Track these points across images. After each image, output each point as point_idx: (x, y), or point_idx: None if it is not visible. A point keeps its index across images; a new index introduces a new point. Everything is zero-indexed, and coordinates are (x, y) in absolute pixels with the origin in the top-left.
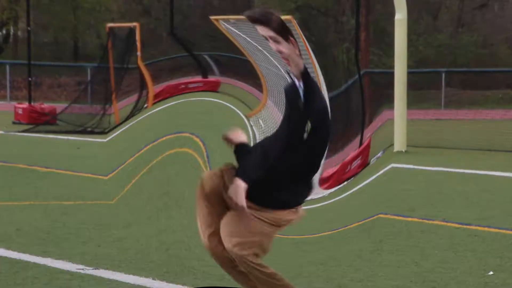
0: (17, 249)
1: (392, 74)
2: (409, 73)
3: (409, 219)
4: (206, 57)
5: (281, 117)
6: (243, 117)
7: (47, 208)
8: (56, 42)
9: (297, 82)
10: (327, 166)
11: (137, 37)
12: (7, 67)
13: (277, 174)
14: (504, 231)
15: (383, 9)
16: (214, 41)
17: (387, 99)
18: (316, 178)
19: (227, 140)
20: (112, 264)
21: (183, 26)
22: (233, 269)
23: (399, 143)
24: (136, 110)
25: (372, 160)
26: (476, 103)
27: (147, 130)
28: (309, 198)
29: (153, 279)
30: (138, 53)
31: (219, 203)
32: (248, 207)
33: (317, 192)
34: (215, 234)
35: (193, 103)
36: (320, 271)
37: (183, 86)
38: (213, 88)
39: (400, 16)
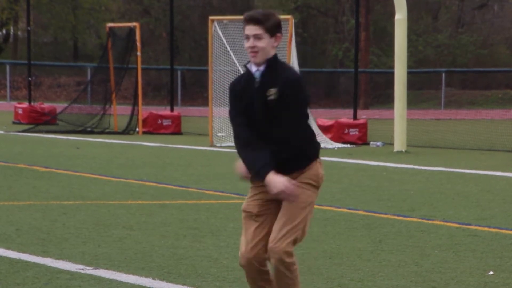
0: (16, 249)
1: (392, 74)
2: (409, 73)
3: (409, 219)
4: None
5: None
6: None
7: (46, 208)
8: (56, 42)
9: (253, 69)
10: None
11: (137, 37)
12: (7, 67)
13: (291, 145)
14: (504, 231)
15: (383, 9)
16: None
17: (387, 99)
18: (312, 124)
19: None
20: (112, 264)
21: (183, 26)
22: (261, 278)
23: (399, 143)
24: (129, 129)
25: (371, 144)
26: (476, 103)
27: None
28: (321, 146)
29: (153, 279)
30: (138, 53)
31: (271, 212)
32: (293, 178)
33: (325, 140)
34: (260, 243)
35: None
36: (320, 270)
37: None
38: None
39: (400, 16)
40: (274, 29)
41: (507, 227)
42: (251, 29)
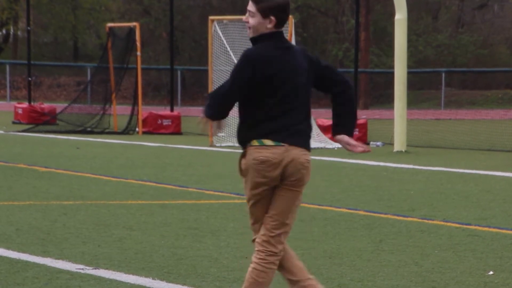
0: (17, 249)
1: (392, 74)
2: (409, 73)
3: (409, 219)
4: None
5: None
6: None
7: (47, 208)
8: (56, 42)
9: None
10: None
11: (137, 37)
12: (7, 67)
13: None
14: (504, 231)
15: (383, 9)
16: None
17: (387, 99)
18: (313, 124)
19: None
20: (112, 264)
21: (183, 26)
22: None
23: (399, 143)
24: (129, 129)
25: (371, 144)
26: (476, 103)
27: None
28: (320, 146)
29: (153, 279)
30: (138, 53)
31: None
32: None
33: (325, 140)
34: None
35: None
36: (320, 270)
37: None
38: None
39: (400, 16)
40: (267, 11)
41: (507, 227)
42: (249, 5)
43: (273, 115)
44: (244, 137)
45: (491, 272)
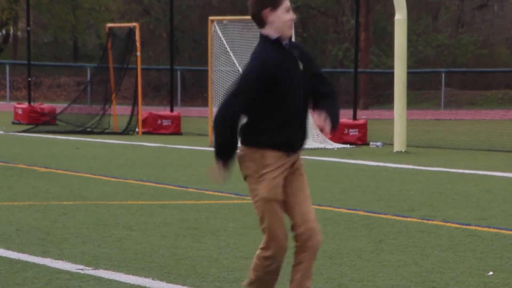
0: (16, 249)
1: (392, 74)
2: (409, 73)
3: (409, 219)
4: None
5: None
6: None
7: (46, 208)
8: (56, 42)
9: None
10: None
11: (137, 37)
12: (7, 67)
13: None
14: (504, 231)
15: (383, 9)
16: None
17: (387, 99)
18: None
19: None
20: (112, 264)
21: (183, 26)
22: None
23: (399, 143)
24: (129, 129)
25: (371, 144)
26: (475, 103)
27: None
28: (320, 146)
29: (153, 279)
30: (138, 53)
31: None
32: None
33: (325, 140)
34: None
35: None
36: (320, 270)
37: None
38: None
39: (400, 16)
40: None
41: (507, 227)
42: (289, 2)
43: None
44: None
45: (491, 272)
